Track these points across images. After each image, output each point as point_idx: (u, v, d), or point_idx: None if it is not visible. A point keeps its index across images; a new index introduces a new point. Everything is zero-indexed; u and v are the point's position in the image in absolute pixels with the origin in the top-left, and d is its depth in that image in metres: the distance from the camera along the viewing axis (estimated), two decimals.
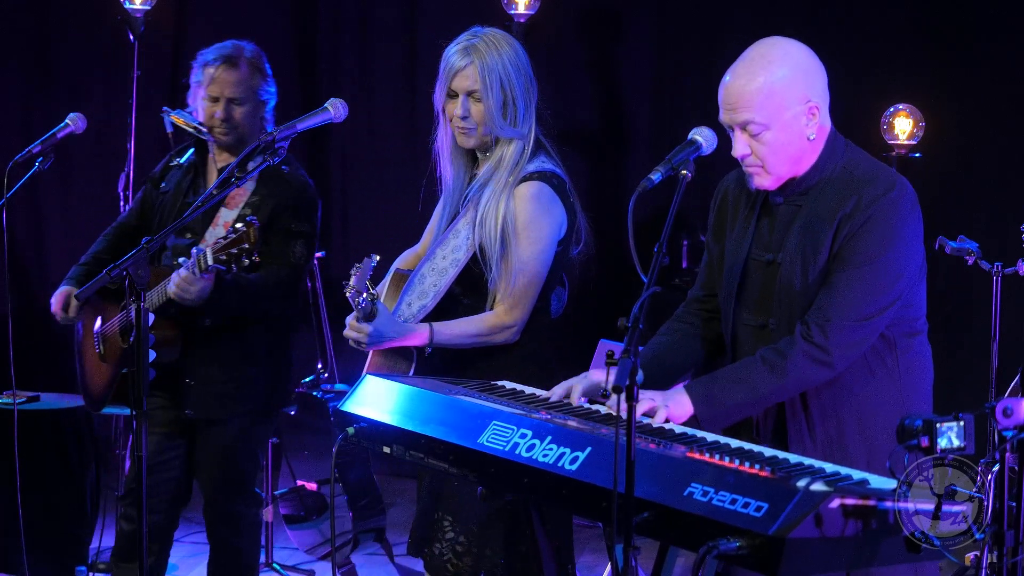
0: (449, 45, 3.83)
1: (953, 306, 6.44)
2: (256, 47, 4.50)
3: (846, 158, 3.22)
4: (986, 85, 6.61)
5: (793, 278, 3.18)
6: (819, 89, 3.19)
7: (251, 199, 4.36)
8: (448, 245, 3.79)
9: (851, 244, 3.11)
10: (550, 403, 3.25)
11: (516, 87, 3.79)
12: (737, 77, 3.15)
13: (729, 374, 3.17)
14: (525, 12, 6.47)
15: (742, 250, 3.30)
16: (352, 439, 3.35)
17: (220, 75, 4.37)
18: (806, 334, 3.10)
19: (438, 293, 3.78)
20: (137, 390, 3.42)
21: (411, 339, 3.71)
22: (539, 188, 3.76)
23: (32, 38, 7.30)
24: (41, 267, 7.39)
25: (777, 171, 3.18)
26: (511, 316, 3.74)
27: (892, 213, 3.12)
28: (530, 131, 3.82)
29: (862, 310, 3.10)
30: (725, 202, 3.41)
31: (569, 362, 3.40)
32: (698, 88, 7.15)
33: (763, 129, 3.13)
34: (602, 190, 7.36)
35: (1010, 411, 2.66)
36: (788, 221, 3.23)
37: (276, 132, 3.80)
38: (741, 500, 2.52)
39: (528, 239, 3.74)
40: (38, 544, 5.08)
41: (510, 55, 3.79)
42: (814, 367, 3.11)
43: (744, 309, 3.29)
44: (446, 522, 3.74)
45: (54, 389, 5.80)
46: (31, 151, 4.42)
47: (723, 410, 3.11)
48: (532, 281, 3.75)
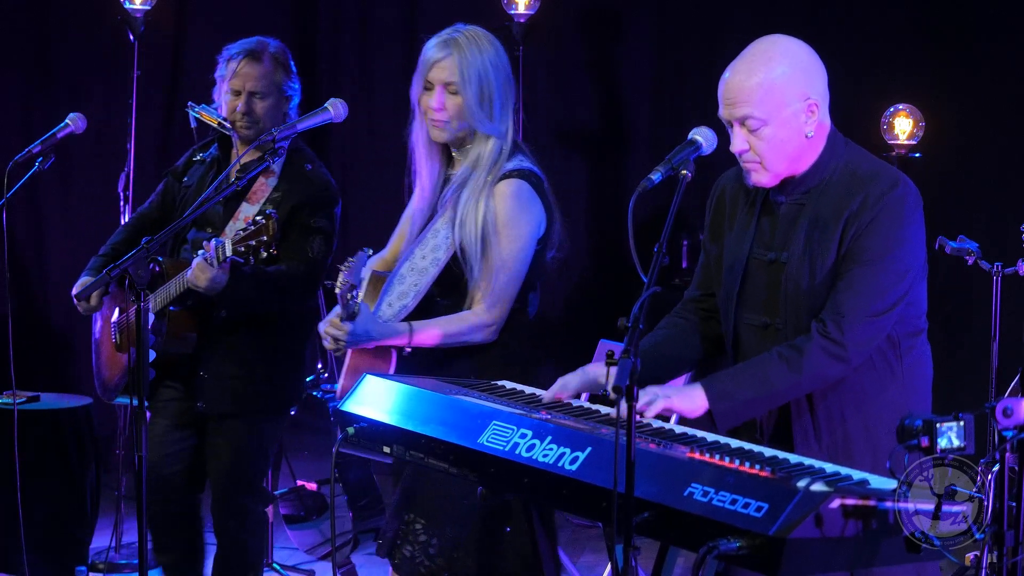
0: (429, 39, 3.81)
1: (953, 306, 6.44)
2: (281, 44, 4.51)
3: (847, 157, 3.23)
4: (986, 85, 6.61)
5: (800, 278, 3.18)
6: (819, 87, 3.20)
7: (272, 195, 4.36)
8: (427, 244, 3.77)
9: (860, 242, 3.12)
10: (550, 403, 3.25)
11: (494, 84, 3.75)
12: (737, 73, 3.16)
13: (744, 369, 3.16)
14: (525, 12, 6.47)
15: (743, 249, 3.29)
16: (352, 439, 3.34)
17: (243, 69, 4.38)
18: (822, 330, 3.11)
19: (419, 293, 3.76)
20: (138, 390, 3.42)
21: (392, 339, 3.69)
22: (519, 186, 3.74)
23: (32, 38, 7.29)
24: (41, 267, 7.39)
25: (775, 168, 3.18)
26: (491, 315, 3.72)
27: (899, 209, 3.14)
28: (508, 131, 3.78)
29: (875, 305, 3.12)
30: (723, 201, 3.40)
31: (563, 361, 3.42)
32: (698, 88, 7.15)
33: (761, 125, 3.13)
34: (602, 190, 7.36)
35: (1010, 411, 2.66)
36: (792, 220, 3.22)
37: (276, 132, 3.80)
38: (741, 500, 2.52)
39: (508, 237, 3.72)
40: (38, 544, 5.08)
41: (490, 53, 3.77)
42: (830, 362, 3.11)
43: (746, 308, 3.28)
44: (418, 525, 3.71)
45: (54, 389, 5.80)
46: (31, 151, 4.43)
47: (738, 404, 3.10)
48: (512, 279, 3.73)
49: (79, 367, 7.38)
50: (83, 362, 7.35)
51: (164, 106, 7.33)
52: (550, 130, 7.31)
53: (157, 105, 7.25)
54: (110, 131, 6.84)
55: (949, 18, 6.70)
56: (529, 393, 3.37)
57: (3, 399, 5.20)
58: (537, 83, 7.03)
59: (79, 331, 7.36)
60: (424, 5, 7.16)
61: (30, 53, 7.30)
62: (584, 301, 7.35)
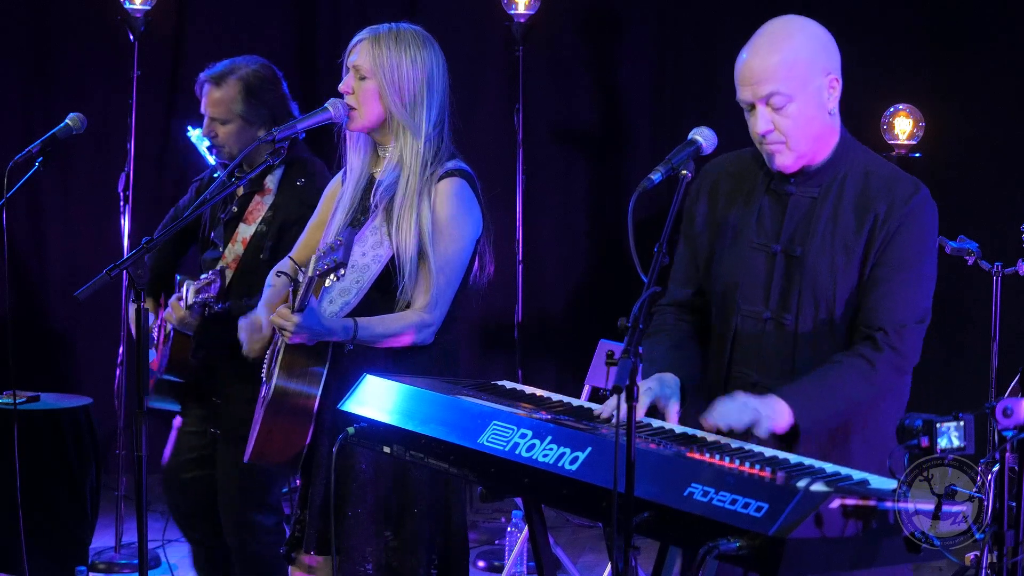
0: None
1: (953, 306, 6.44)
2: (264, 64, 4.49)
3: (862, 156, 3.22)
4: (986, 85, 6.61)
5: (819, 274, 3.14)
6: (838, 64, 3.19)
7: (266, 214, 4.38)
8: (367, 242, 3.71)
9: (894, 246, 3.11)
10: (552, 404, 3.25)
11: (412, 82, 3.71)
12: (757, 52, 3.12)
13: (821, 383, 3.07)
14: (525, 12, 6.47)
15: (743, 238, 3.23)
16: (352, 439, 3.34)
17: (206, 93, 4.42)
18: (888, 342, 3.08)
19: (361, 290, 3.72)
20: (137, 390, 3.42)
21: (336, 334, 3.65)
22: (461, 185, 3.73)
23: (32, 38, 7.29)
24: (41, 267, 7.39)
25: (799, 147, 3.13)
26: (432, 315, 3.69)
27: (928, 212, 3.15)
28: (435, 135, 3.73)
29: (920, 313, 3.14)
30: (716, 189, 3.32)
31: (568, 362, 3.43)
32: (698, 88, 7.16)
33: (787, 101, 3.09)
34: (602, 190, 7.36)
35: (1010, 411, 2.66)
36: (806, 213, 3.18)
37: (276, 132, 3.81)
38: (741, 500, 2.52)
39: (451, 236, 3.70)
40: (38, 544, 5.08)
41: (413, 53, 3.73)
42: (896, 375, 3.12)
43: (745, 300, 3.22)
44: (373, 523, 3.69)
45: (54, 389, 5.80)
46: (31, 151, 4.43)
47: (823, 420, 3.05)
48: (451, 280, 3.71)
49: (79, 367, 7.39)
50: (83, 362, 7.37)
51: (164, 106, 7.33)
52: (550, 130, 7.31)
53: (157, 105, 7.24)
54: (110, 131, 6.84)
55: (949, 18, 6.70)
56: (529, 393, 3.37)
57: (3, 399, 5.20)
58: (537, 83, 7.02)
59: (79, 331, 7.37)
60: (424, 5, 7.16)
61: (30, 53, 7.30)
62: (584, 301, 7.35)
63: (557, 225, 7.33)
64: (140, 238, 3.51)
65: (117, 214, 6.20)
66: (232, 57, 4.52)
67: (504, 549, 5.62)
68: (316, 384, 3.69)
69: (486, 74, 7.17)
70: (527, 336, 6.63)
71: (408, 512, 3.70)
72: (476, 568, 5.98)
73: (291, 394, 3.69)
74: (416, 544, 3.69)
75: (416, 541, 3.70)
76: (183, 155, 7.35)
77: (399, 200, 3.70)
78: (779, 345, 3.18)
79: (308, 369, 3.70)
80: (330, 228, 3.82)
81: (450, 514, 3.75)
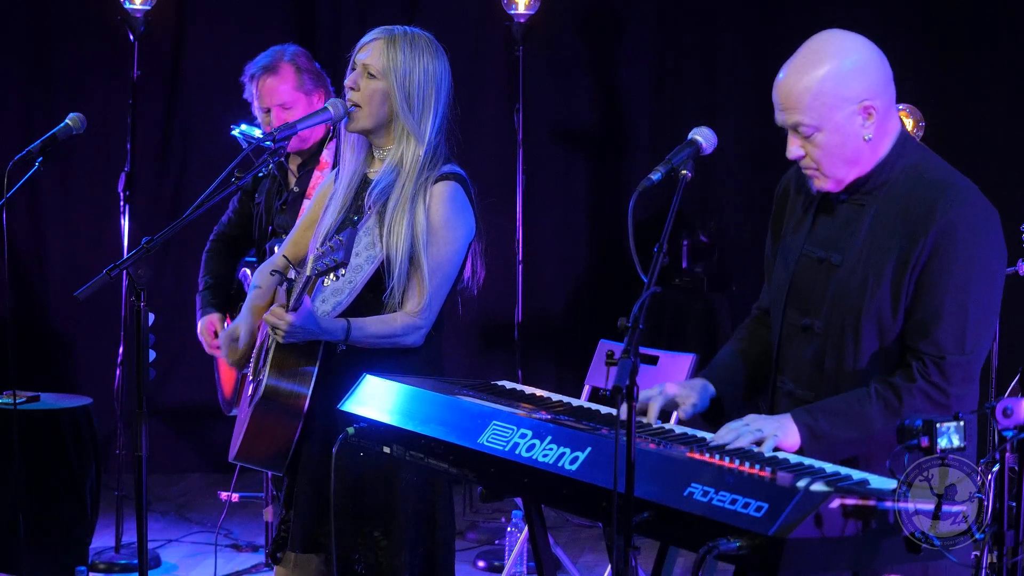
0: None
1: None
2: (297, 47, 4.56)
3: (916, 159, 3.08)
4: (986, 85, 6.61)
5: (851, 282, 3.02)
6: (878, 87, 3.05)
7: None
8: (360, 243, 3.69)
9: (935, 266, 2.93)
10: (552, 403, 3.25)
11: (421, 87, 3.71)
12: (788, 75, 3.02)
13: (840, 409, 2.98)
14: (525, 12, 6.47)
15: (796, 245, 3.16)
16: (352, 439, 3.34)
17: (263, 86, 4.47)
18: (924, 372, 2.94)
19: (354, 290, 3.70)
20: (138, 390, 3.42)
21: (330, 334, 3.64)
22: (455, 189, 3.72)
23: (32, 38, 7.29)
24: (41, 267, 7.39)
25: (834, 174, 3.03)
26: (423, 318, 3.68)
27: (969, 227, 2.95)
28: (435, 141, 3.73)
29: (968, 342, 2.95)
30: (786, 197, 3.25)
31: (568, 362, 3.43)
32: (698, 88, 7.16)
33: (814, 131, 2.98)
34: (602, 190, 7.36)
35: (1010, 411, 2.66)
36: (849, 221, 3.07)
37: (276, 132, 3.80)
38: (741, 500, 2.52)
39: (444, 239, 3.70)
40: (38, 544, 5.08)
41: (425, 59, 3.73)
42: (930, 407, 2.93)
43: (792, 308, 3.15)
44: (362, 522, 3.69)
45: (54, 389, 5.80)
46: (31, 151, 4.42)
47: (832, 445, 2.95)
48: (443, 283, 3.71)
49: (79, 367, 7.39)
50: (83, 362, 7.38)
51: (164, 106, 7.33)
52: (550, 130, 7.31)
53: (157, 105, 7.25)
54: (110, 131, 6.84)
55: (949, 18, 6.70)
56: (529, 393, 3.37)
57: (3, 399, 5.20)
58: (537, 83, 7.02)
59: (79, 331, 7.37)
60: (424, 5, 7.16)
61: (30, 53, 7.30)
62: (584, 301, 7.35)
63: (557, 225, 7.33)
64: (140, 238, 3.51)
65: (117, 214, 6.20)
66: (259, 55, 4.57)
67: (504, 549, 5.62)
68: (307, 383, 3.68)
69: (486, 74, 7.18)
70: (527, 336, 6.63)
71: (395, 514, 3.70)
72: (476, 568, 5.98)
73: (282, 393, 3.68)
74: (402, 546, 3.69)
75: (402, 543, 3.69)
76: (183, 155, 7.36)
77: (393, 202, 3.69)
78: (810, 355, 3.10)
79: (299, 368, 3.69)
80: (321, 227, 3.82)
81: (435, 518, 3.75)
